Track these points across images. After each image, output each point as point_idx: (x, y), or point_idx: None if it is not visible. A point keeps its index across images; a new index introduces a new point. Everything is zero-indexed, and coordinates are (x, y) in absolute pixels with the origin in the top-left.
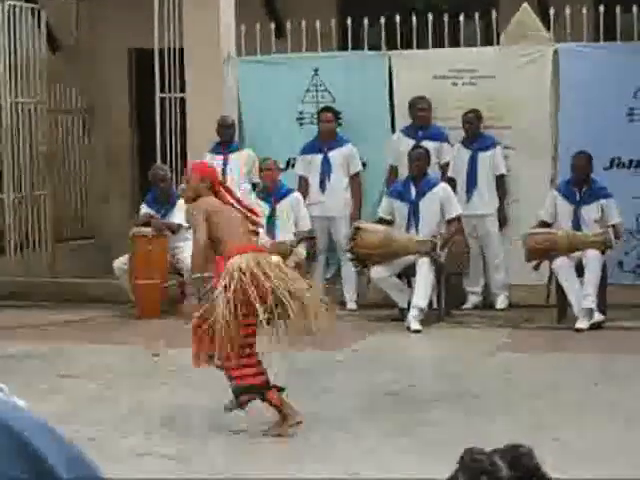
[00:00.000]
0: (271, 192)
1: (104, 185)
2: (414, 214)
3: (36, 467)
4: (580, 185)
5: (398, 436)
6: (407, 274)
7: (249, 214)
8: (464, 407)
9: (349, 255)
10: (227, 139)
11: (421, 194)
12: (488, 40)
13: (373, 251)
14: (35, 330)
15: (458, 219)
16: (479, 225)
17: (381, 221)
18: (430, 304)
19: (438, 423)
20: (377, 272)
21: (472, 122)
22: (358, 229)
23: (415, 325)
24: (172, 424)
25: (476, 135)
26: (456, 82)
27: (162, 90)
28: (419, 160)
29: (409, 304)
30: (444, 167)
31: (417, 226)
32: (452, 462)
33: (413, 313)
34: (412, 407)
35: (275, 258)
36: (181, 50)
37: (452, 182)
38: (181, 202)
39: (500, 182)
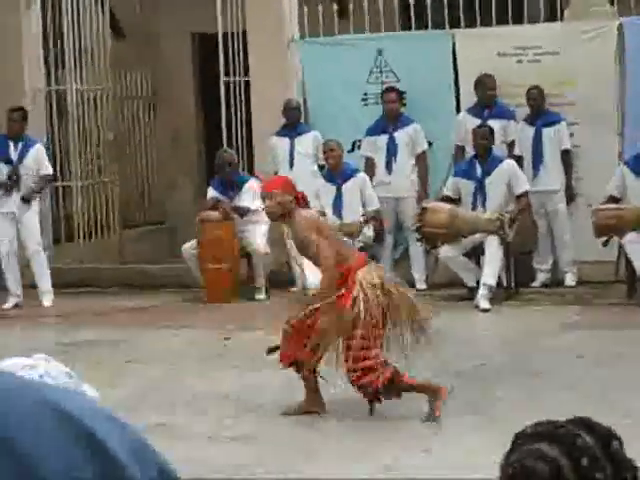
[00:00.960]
0: (336, 173)
1: (171, 170)
2: (480, 192)
3: (99, 456)
4: None
5: (467, 414)
6: (475, 253)
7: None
8: (533, 385)
9: (417, 235)
10: (293, 122)
11: (487, 172)
12: (552, 16)
13: (440, 230)
14: (104, 316)
15: (526, 195)
16: (547, 201)
17: (447, 199)
18: (499, 282)
19: (507, 400)
20: (445, 251)
21: (535, 98)
22: (425, 209)
23: (484, 304)
24: (243, 408)
25: (540, 111)
26: (521, 59)
27: (226, 74)
28: (484, 138)
29: (478, 283)
30: (510, 145)
31: (484, 204)
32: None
33: (482, 292)
34: (481, 385)
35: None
36: (244, 34)
37: (519, 160)
38: (248, 185)
39: (566, 157)
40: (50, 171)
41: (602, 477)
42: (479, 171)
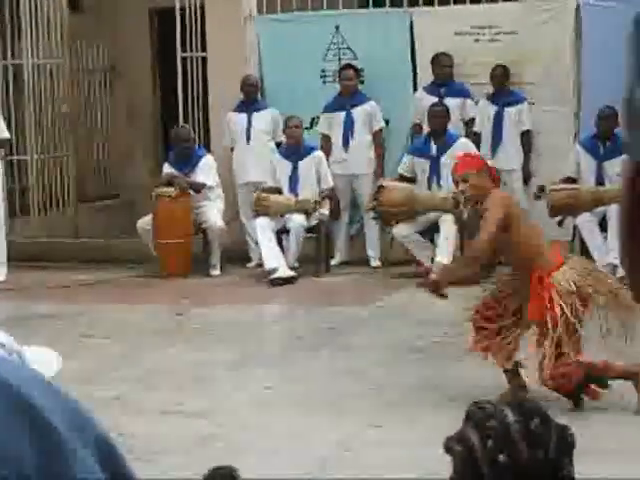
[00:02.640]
0: (293, 150)
1: (127, 144)
2: (435, 170)
3: (36, 425)
4: (604, 140)
5: (428, 391)
6: (430, 231)
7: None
8: (490, 362)
9: (372, 214)
10: (251, 98)
11: (442, 150)
12: None
13: (396, 209)
14: (59, 290)
15: None
16: (504, 181)
17: (402, 178)
18: (453, 260)
19: (466, 378)
20: (400, 230)
21: (500, 77)
22: (381, 187)
23: None
24: (197, 383)
25: (503, 91)
26: (478, 38)
27: (184, 49)
28: (438, 116)
29: (432, 261)
30: (468, 123)
31: (439, 182)
32: None
33: (436, 270)
34: (440, 362)
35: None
36: (202, 9)
37: (477, 137)
38: (204, 161)
39: (526, 138)
40: (7, 135)
41: (504, 458)
42: (434, 149)
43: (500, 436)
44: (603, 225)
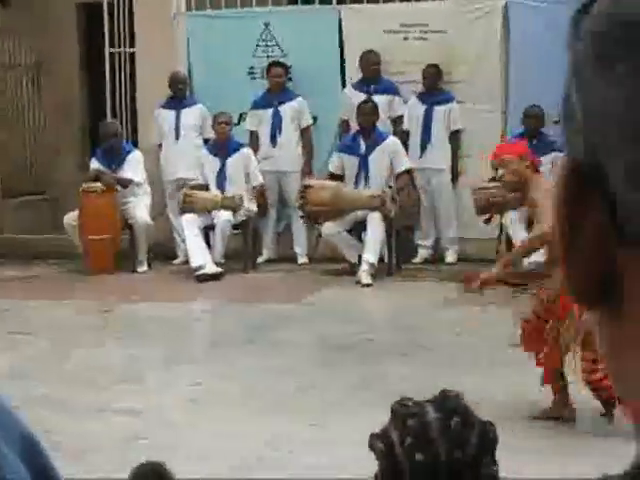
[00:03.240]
0: (221, 147)
1: (54, 140)
2: (363, 168)
3: None
4: (531, 138)
5: (358, 389)
6: (358, 229)
7: None
8: (419, 360)
9: (300, 213)
10: (179, 94)
11: (370, 148)
12: None
13: (323, 207)
14: None
15: (407, 173)
16: (432, 179)
17: (332, 176)
18: (381, 258)
19: (395, 375)
20: (328, 228)
21: (432, 76)
22: (308, 186)
23: (366, 279)
24: (126, 380)
25: (434, 89)
26: (407, 36)
27: (112, 45)
28: (368, 114)
29: (360, 259)
30: (395, 121)
31: (367, 180)
32: None
33: (363, 268)
34: (369, 359)
35: None
36: (131, 4)
37: (406, 135)
38: (131, 156)
39: (454, 137)
40: None
41: (422, 457)
42: (363, 147)
43: (419, 434)
44: (530, 224)
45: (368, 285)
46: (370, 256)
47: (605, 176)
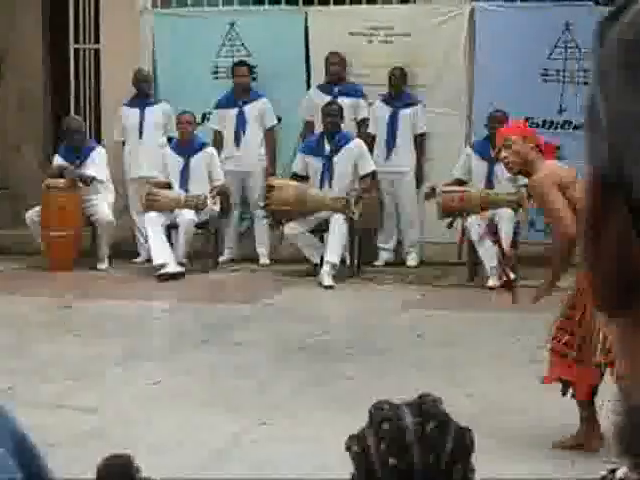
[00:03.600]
0: (185, 145)
1: (16, 135)
2: (328, 170)
3: None
4: (494, 143)
5: (312, 388)
6: (320, 230)
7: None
8: (377, 362)
9: (263, 212)
10: (144, 92)
11: (335, 150)
12: None
13: (287, 208)
14: None
15: (372, 175)
16: (396, 182)
17: (295, 177)
18: (343, 260)
19: (350, 376)
20: (291, 228)
21: (397, 79)
22: (272, 186)
23: (327, 281)
24: (85, 375)
25: (399, 92)
26: (372, 39)
27: (77, 41)
28: (332, 115)
29: (322, 260)
30: (360, 123)
31: (331, 182)
32: (364, 414)
33: (325, 269)
34: (326, 361)
35: None
36: (96, 0)
37: (372, 138)
38: (95, 153)
39: (419, 140)
40: None
41: (395, 462)
42: (327, 149)
43: (394, 439)
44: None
45: (329, 287)
46: (332, 257)
47: (629, 183)
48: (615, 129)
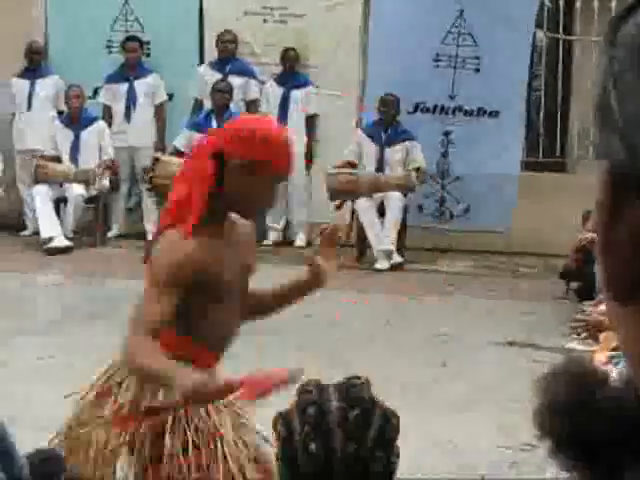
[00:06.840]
0: (75, 119)
1: None
2: None
3: None
4: (386, 126)
5: None
6: None
7: None
8: (263, 342)
9: (147, 186)
10: (35, 64)
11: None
12: None
13: (171, 182)
14: None
15: None
16: None
17: (178, 153)
18: None
19: (237, 357)
20: None
21: (290, 60)
22: (157, 160)
23: None
24: None
25: (291, 73)
26: (267, 19)
27: None
28: (222, 92)
29: None
30: (249, 103)
31: None
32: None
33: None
34: None
35: None
36: None
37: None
38: None
39: (310, 121)
40: None
41: (315, 447)
42: (214, 126)
43: (317, 424)
44: (381, 211)
45: None
46: None
47: None
48: (630, 124)
